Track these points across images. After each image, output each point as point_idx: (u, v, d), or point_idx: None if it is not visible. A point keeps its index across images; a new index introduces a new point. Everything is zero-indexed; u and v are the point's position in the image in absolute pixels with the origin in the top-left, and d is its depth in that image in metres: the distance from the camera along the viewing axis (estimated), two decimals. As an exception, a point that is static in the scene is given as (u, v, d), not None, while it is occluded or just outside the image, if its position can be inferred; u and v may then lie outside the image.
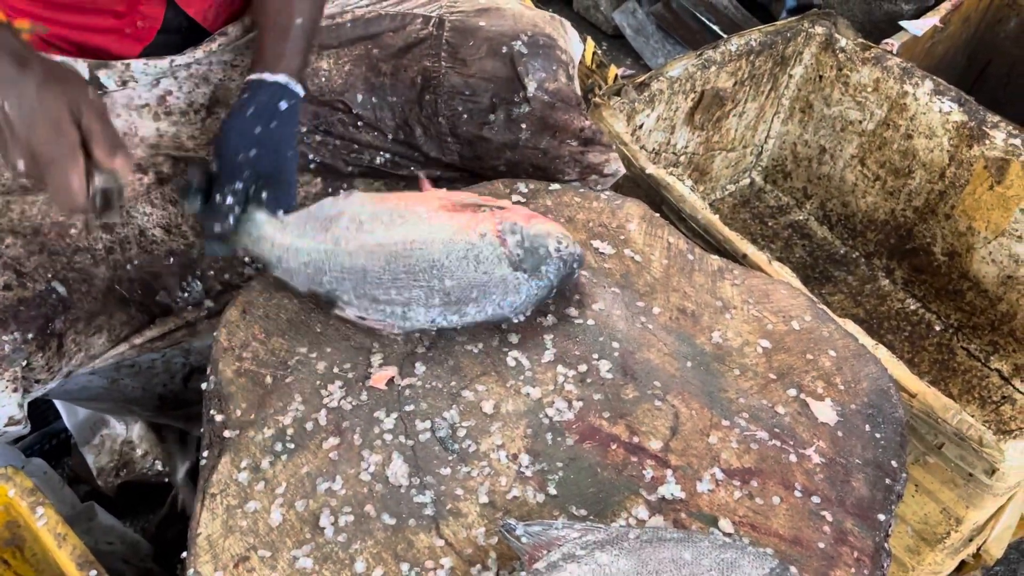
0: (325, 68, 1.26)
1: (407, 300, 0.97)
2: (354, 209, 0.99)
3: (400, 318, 0.97)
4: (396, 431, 0.90)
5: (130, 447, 1.36)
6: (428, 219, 0.98)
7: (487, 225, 0.97)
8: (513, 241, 0.96)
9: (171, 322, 1.16)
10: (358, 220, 0.98)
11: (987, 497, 1.13)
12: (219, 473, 0.85)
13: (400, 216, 0.98)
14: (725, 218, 1.89)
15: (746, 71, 1.70)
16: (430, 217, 0.98)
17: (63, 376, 1.09)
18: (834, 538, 0.86)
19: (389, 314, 0.97)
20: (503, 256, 0.96)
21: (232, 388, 0.92)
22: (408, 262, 0.95)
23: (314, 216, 1.00)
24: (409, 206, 0.99)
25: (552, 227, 0.99)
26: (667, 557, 0.74)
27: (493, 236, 0.96)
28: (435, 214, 0.98)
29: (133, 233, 1.14)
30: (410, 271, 0.95)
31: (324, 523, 0.82)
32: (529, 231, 0.97)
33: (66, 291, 1.07)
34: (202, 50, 1.18)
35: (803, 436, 0.94)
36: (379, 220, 0.98)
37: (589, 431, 0.92)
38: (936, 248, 1.69)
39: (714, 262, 1.12)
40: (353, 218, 0.98)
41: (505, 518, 0.83)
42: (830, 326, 1.06)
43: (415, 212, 0.98)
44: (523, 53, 1.27)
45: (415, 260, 0.95)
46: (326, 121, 1.26)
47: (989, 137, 1.54)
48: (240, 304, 1.00)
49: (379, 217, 0.98)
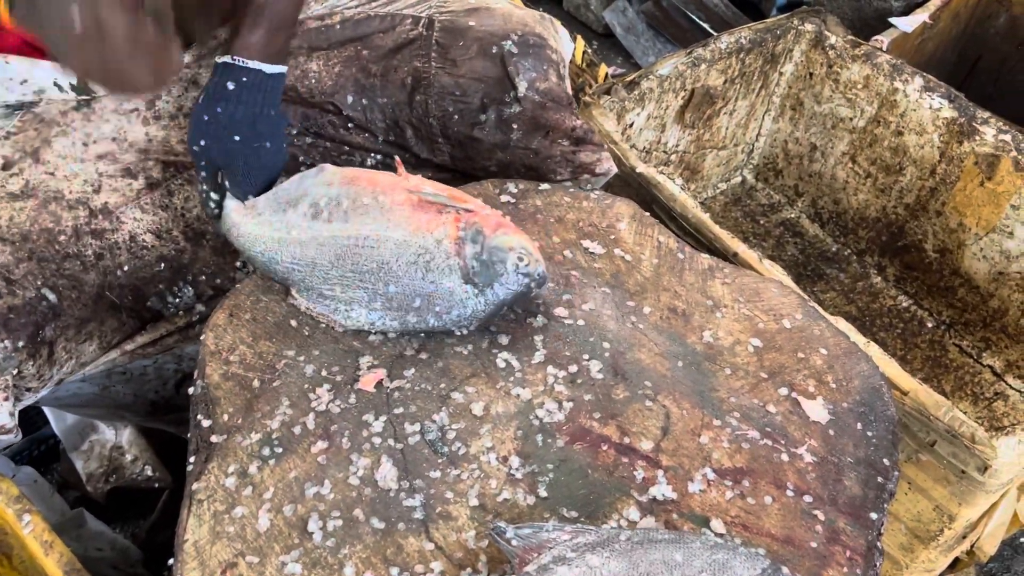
0: (315, 70, 1.25)
1: (350, 299, 0.96)
2: (316, 191, 0.97)
3: (343, 315, 0.97)
4: (385, 434, 0.89)
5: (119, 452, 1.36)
6: (388, 212, 0.94)
7: (447, 229, 0.93)
8: (471, 251, 0.93)
9: (162, 328, 1.16)
10: (317, 206, 0.96)
11: (980, 494, 1.13)
12: (206, 478, 0.84)
13: (360, 205, 0.95)
14: (717, 216, 1.88)
15: (736, 69, 1.70)
16: (391, 210, 0.94)
17: (54, 384, 1.08)
18: (826, 537, 0.86)
19: (332, 310, 0.97)
20: (455, 267, 0.93)
21: (219, 392, 0.91)
22: (356, 260, 0.94)
23: (278, 198, 0.99)
24: (375, 192, 0.96)
25: (517, 240, 0.94)
26: (658, 559, 0.74)
27: (450, 243, 0.93)
28: (397, 208, 0.95)
29: (123, 239, 1.13)
30: (357, 270, 0.94)
31: (312, 528, 0.81)
32: (491, 242, 0.93)
33: (56, 298, 1.06)
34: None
35: (795, 435, 0.94)
36: (338, 206, 0.96)
37: (580, 432, 0.91)
38: (927, 245, 1.69)
39: (704, 261, 1.12)
40: (313, 202, 0.97)
41: (495, 521, 0.82)
42: (821, 324, 1.05)
43: (377, 201, 0.95)
44: (513, 53, 1.26)
45: (364, 259, 0.94)
46: (316, 123, 1.26)
47: (979, 133, 1.54)
48: (227, 308, 0.99)
49: (338, 202, 0.96)
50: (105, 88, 0.98)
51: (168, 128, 1.17)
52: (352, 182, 0.98)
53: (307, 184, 0.99)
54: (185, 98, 1.17)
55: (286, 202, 0.99)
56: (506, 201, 1.15)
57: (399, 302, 0.95)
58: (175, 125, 1.17)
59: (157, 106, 1.16)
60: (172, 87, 1.16)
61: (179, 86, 1.17)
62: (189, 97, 1.18)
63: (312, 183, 0.99)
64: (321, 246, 0.96)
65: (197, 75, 1.18)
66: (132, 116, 1.14)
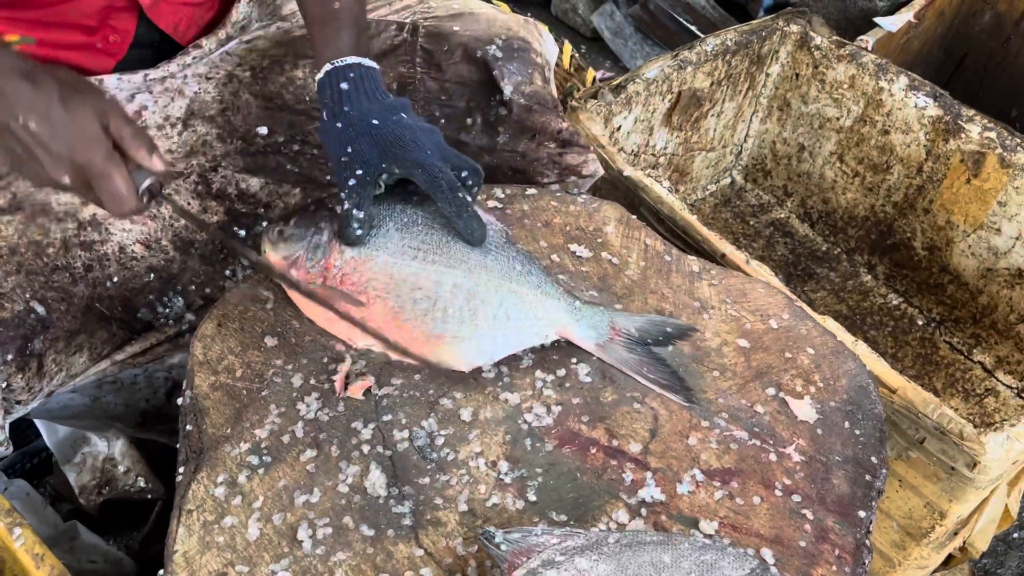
0: (300, 76, 1.26)
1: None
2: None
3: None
4: (374, 441, 0.89)
5: (112, 464, 1.35)
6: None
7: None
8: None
9: (153, 338, 1.16)
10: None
11: (970, 490, 1.13)
12: (195, 488, 0.85)
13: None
14: (707, 218, 1.89)
15: (723, 71, 1.70)
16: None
17: (44, 396, 1.08)
18: (815, 536, 0.86)
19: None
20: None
21: (208, 402, 0.91)
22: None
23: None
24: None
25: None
26: (647, 561, 0.74)
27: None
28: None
29: (112, 250, 1.13)
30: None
31: (302, 536, 0.82)
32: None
33: (45, 311, 1.06)
34: (176, 63, 1.18)
35: (783, 435, 0.94)
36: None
37: (568, 436, 0.92)
38: (916, 243, 1.70)
39: (692, 263, 1.12)
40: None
41: (484, 526, 0.83)
42: (808, 324, 1.06)
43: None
44: (498, 57, 1.27)
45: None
46: (303, 131, 1.26)
47: (965, 131, 1.55)
48: (215, 317, 0.99)
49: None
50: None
51: (155, 138, 1.17)
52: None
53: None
54: (171, 108, 1.18)
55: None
56: (493, 207, 1.15)
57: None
58: (162, 135, 1.17)
59: (143, 116, 1.16)
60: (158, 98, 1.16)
61: (164, 96, 1.17)
62: (175, 106, 1.18)
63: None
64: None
65: (183, 86, 1.19)
66: (118, 127, 1.14)
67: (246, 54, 1.23)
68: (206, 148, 1.20)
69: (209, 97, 1.21)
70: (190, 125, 1.19)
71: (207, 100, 1.20)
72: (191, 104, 1.19)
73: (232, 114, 1.22)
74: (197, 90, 1.20)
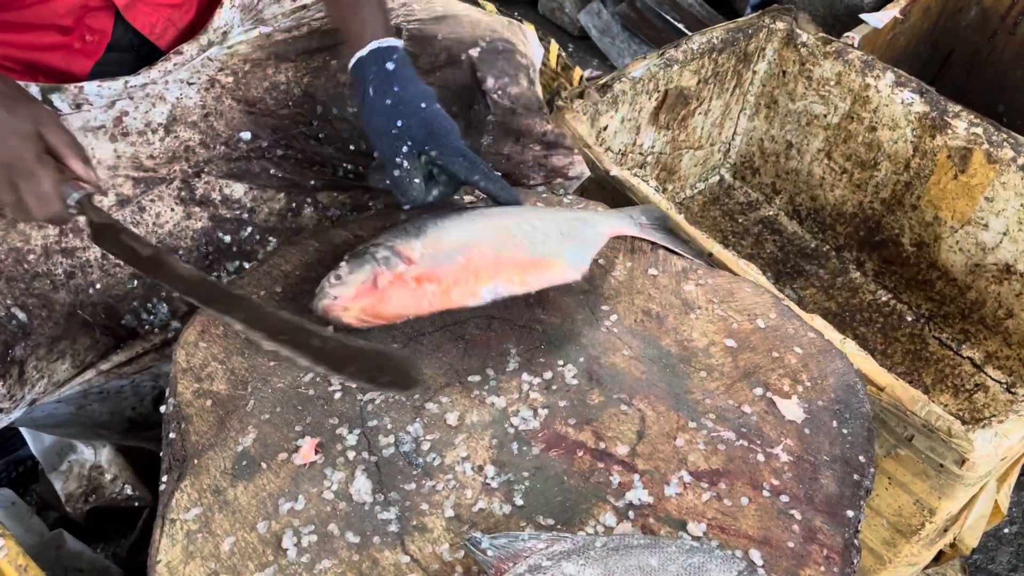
0: (283, 81, 1.25)
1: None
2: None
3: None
4: (359, 447, 0.89)
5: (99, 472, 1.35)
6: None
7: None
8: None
9: (138, 346, 1.15)
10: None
11: (959, 487, 1.13)
12: (179, 497, 0.84)
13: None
14: (695, 216, 1.89)
15: (709, 69, 1.70)
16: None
17: (27, 404, 1.07)
18: (803, 536, 0.86)
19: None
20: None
21: (191, 410, 0.91)
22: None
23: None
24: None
25: None
26: (634, 564, 0.74)
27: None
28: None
29: (95, 256, 1.12)
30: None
31: (287, 544, 0.81)
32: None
33: (26, 317, 1.05)
34: (157, 69, 1.17)
35: (770, 435, 0.94)
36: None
37: (555, 439, 0.91)
38: (904, 239, 1.70)
39: (678, 263, 1.12)
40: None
41: (471, 532, 0.82)
42: (795, 323, 1.06)
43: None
44: (482, 59, 1.26)
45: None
46: (287, 135, 1.25)
47: (951, 127, 1.55)
48: (198, 324, 0.98)
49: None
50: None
51: (136, 144, 1.16)
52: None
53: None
54: (153, 113, 1.17)
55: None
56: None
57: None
58: (143, 141, 1.16)
59: (124, 122, 1.15)
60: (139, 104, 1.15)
61: (145, 102, 1.16)
62: (156, 112, 1.17)
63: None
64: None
65: (164, 92, 1.18)
66: (99, 133, 1.13)
67: (228, 59, 1.22)
68: (189, 154, 1.19)
69: (191, 102, 1.20)
70: (172, 131, 1.18)
71: (189, 105, 1.19)
72: (173, 110, 1.19)
73: (215, 119, 1.21)
74: (179, 95, 1.19)
